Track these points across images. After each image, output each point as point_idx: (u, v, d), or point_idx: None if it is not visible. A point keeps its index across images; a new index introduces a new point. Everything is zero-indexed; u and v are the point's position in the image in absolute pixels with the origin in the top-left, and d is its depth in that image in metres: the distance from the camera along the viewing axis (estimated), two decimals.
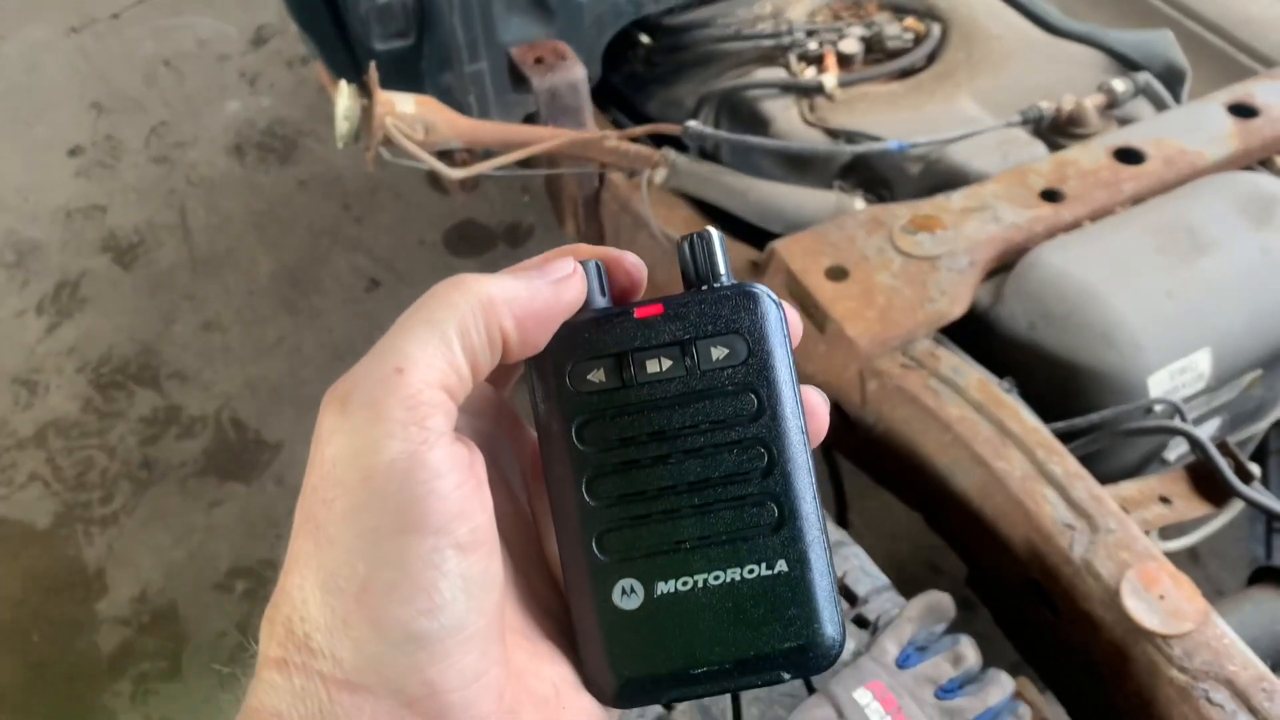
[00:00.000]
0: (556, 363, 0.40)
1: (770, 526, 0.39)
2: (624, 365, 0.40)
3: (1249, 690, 0.82)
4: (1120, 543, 0.92)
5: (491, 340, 0.37)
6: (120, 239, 2.56)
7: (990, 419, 1.03)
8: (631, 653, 0.39)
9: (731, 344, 0.40)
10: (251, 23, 3.07)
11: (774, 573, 0.39)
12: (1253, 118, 1.33)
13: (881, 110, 1.53)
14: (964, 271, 1.17)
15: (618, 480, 0.40)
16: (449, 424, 0.35)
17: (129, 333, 2.36)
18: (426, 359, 0.35)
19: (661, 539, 0.39)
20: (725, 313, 0.41)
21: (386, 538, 0.34)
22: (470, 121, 1.41)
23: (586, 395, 0.40)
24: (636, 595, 0.39)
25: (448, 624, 0.34)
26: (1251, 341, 1.17)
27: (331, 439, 0.35)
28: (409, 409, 0.34)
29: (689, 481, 0.39)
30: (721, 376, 0.40)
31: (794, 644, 0.39)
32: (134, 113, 2.86)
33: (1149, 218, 1.21)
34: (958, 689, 0.88)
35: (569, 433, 0.40)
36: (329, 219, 2.56)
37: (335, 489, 0.34)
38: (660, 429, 0.40)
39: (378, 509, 0.34)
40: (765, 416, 0.40)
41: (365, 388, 0.35)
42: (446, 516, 0.34)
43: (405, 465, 0.34)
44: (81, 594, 1.95)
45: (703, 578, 0.39)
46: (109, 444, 2.17)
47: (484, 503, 0.36)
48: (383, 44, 1.59)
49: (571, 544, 0.40)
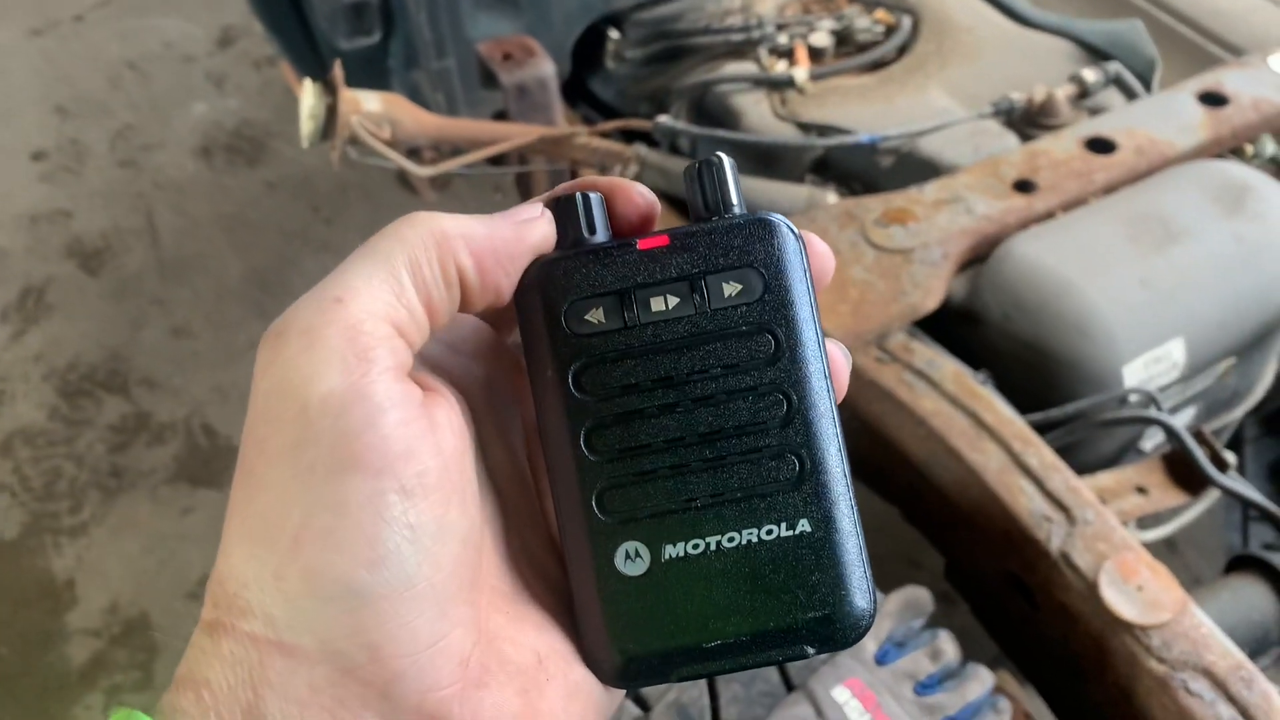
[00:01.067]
0: (549, 301, 0.36)
1: (791, 482, 0.35)
2: (626, 303, 0.36)
3: (1227, 679, 0.82)
4: (1098, 534, 0.92)
5: (446, 276, 0.34)
6: (86, 244, 2.53)
7: (966, 411, 1.03)
8: (636, 625, 0.35)
9: (745, 279, 0.36)
10: (217, 24, 3.04)
11: (795, 534, 0.35)
12: (1222, 106, 1.33)
13: (853, 103, 1.52)
14: (937, 264, 1.16)
15: (620, 432, 0.36)
16: (396, 359, 0.32)
17: (96, 339, 2.33)
18: (371, 290, 0.32)
19: (669, 497, 0.35)
20: (739, 244, 0.36)
21: (322, 478, 0.30)
22: (437, 119, 1.40)
23: (584, 338, 0.36)
24: (641, 560, 0.35)
25: (392, 579, 0.30)
26: (1225, 330, 1.17)
27: (266, 373, 0.32)
28: (349, 339, 0.31)
29: (699, 433, 0.36)
30: (735, 315, 0.36)
31: (818, 614, 0.35)
32: (99, 116, 2.83)
33: (1121, 207, 1.21)
34: (937, 684, 0.87)
35: (565, 379, 0.36)
36: (298, 221, 2.53)
37: (268, 426, 0.31)
38: (667, 374, 0.36)
39: (312, 445, 0.30)
40: (784, 359, 0.36)
41: (302, 317, 0.32)
42: (389, 456, 0.31)
43: (343, 397, 0.30)
44: (51, 606, 1.92)
45: (715, 540, 0.35)
46: (77, 452, 2.14)
47: (438, 446, 0.32)
48: (348, 42, 1.58)
49: (569, 503, 0.36)
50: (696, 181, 0.38)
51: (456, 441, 0.33)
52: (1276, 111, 1.32)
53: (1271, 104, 1.33)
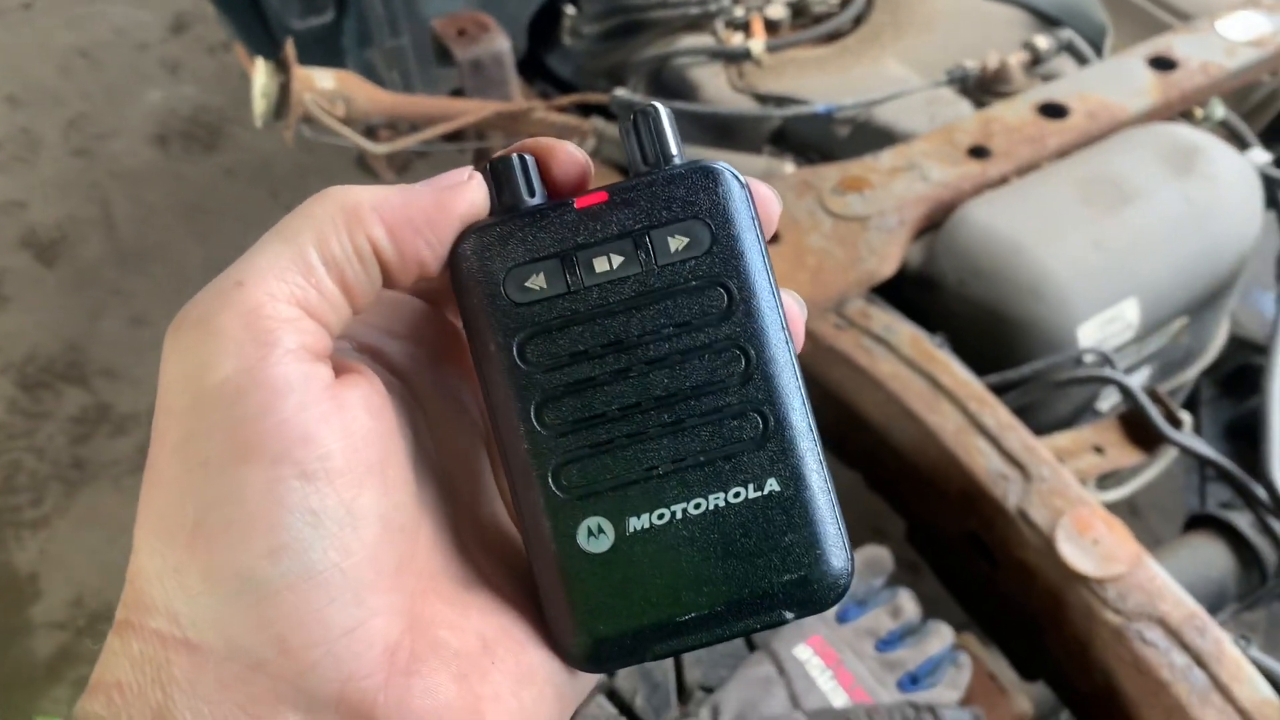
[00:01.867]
0: (486, 270, 0.34)
1: (755, 440, 0.34)
2: (568, 266, 0.34)
3: (1181, 628, 0.83)
4: (1053, 490, 0.93)
5: (359, 251, 0.32)
6: (41, 235, 2.49)
7: (923, 374, 1.04)
8: (603, 604, 0.33)
9: (692, 231, 0.34)
10: (170, 9, 2.99)
11: (764, 493, 0.34)
12: (1172, 70, 1.34)
13: (809, 74, 1.52)
14: (893, 230, 1.17)
15: (572, 402, 0.34)
16: (302, 341, 0.31)
17: (54, 331, 2.30)
18: (275, 271, 0.31)
19: (629, 467, 0.34)
20: (681, 195, 0.35)
21: (218, 469, 0.29)
22: (392, 96, 1.39)
23: (526, 306, 0.34)
24: (605, 535, 0.33)
25: (294, 567, 0.29)
26: (1177, 289, 1.19)
27: (166, 365, 0.31)
28: (246, 324, 0.30)
29: (655, 396, 0.34)
30: (683, 270, 0.34)
31: (795, 575, 0.33)
32: (50, 105, 2.78)
33: (1074, 171, 1.22)
34: (897, 641, 0.88)
35: (510, 351, 0.34)
36: (258, 207, 2.51)
37: (166, 419, 0.30)
38: (617, 338, 0.34)
39: (207, 436, 0.29)
40: (738, 313, 0.34)
41: (201, 305, 0.31)
42: (287, 441, 0.29)
43: (237, 385, 0.29)
44: (14, 600, 1.90)
45: (681, 508, 0.34)
46: (37, 445, 2.11)
47: (346, 428, 0.31)
48: (301, 21, 1.56)
49: (524, 482, 0.34)
50: (633, 134, 0.36)
51: (373, 422, 0.32)
52: (1224, 75, 1.34)
53: (1219, 68, 1.34)
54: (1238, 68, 1.35)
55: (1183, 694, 0.81)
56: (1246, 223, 1.22)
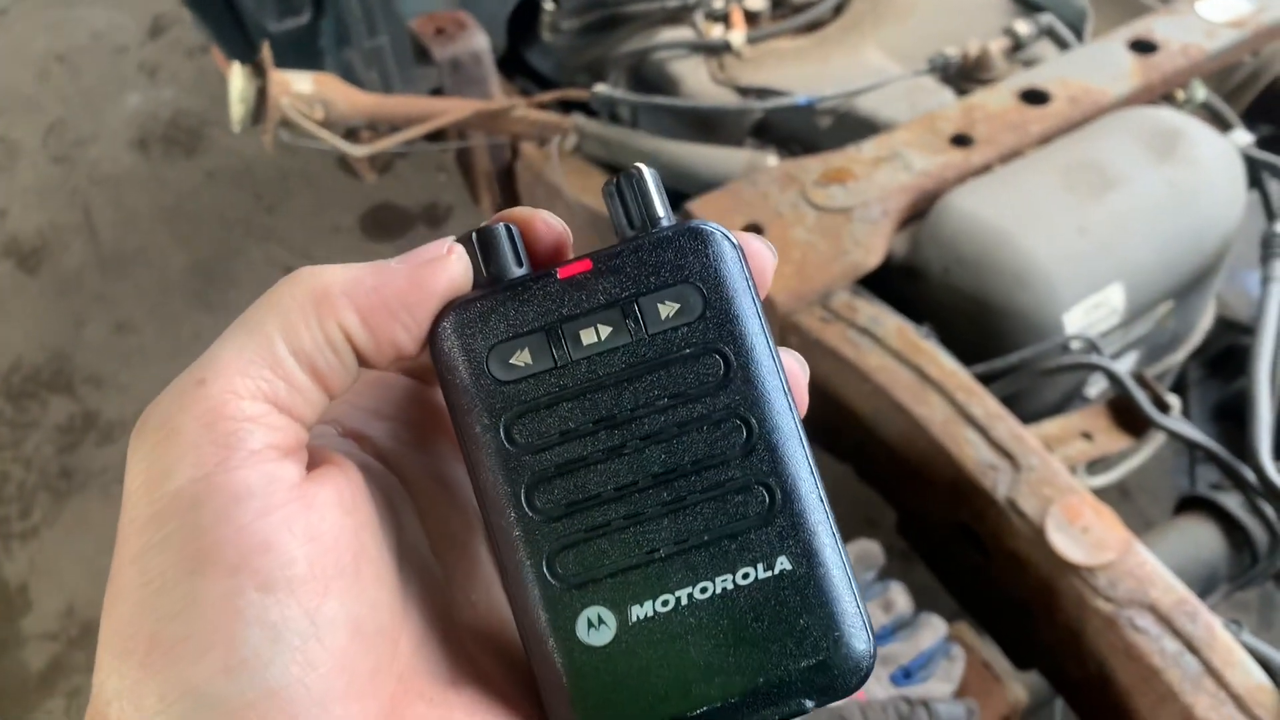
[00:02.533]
0: (468, 348, 0.33)
1: (761, 516, 0.32)
2: (553, 340, 0.33)
3: (1172, 614, 0.83)
4: (1042, 479, 0.93)
5: (330, 340, 0.31)
6: (23, 243, 2.48)
7: (910, 366, 1.03)
8: (608, 701, 0.31)
9: (682, 296, 0.33)
10: (148, 12, 2.97)
11: (775, 573, 0.32)
12: (1152, 53, 1.34)
13: (790, 65, 1.52)
14: (877, 221, 1.17)
15: (564, 484, 0.32)
16: (270, 439, 0.29)
17: (38, 339, 2.28)
18: (239, 366, 0.30)
19: (628, 551, 0.32)
20: (670, 259, 0.33)
21: (174, 582, 0.28)
22: (371, 97, 1.38)
23: (512, 384, 0.32)
24: (607, 626, 0.31)
25: (255, 684, 0.27)
26: (1162, 273, 1.19)
27: (129, 472, 0.29)
28: (207, 425, 0.29)
29: (653, 474, 0.32)
30: (676, 338, 0.33)
31: (813, 660, 0.31)
32: (28, 111, 2.76)
33: (1057, 157, 1.21)
34: (890, 635, 0.88)
35: (496, 433, 0.32)
36: (240, 210, 2.50)
37: (126, 529, 0.29)
38: (609, 413, 0.32)
39: (163, 547, 0.28)
40: (736, 380, 0.32)
41: (162, 407, 0.30)
42: (245, 550, 0.28)
43: (194, 492, 0.28)
44: (4, 612, 1.89)
45: (686, 593, 0.31)
46: (24, 455, 2.10)
47: (312, 532, 0.29)
48: (277, 24, 1.55)
49: (517, 571, 0.32)
50: (617, 198, 0.34)
51: (346, 519, 0.30)
52: (1205, 56, 1.34)
53: (1200, 49, 1.34)
54: (1218, 49, 1.35)
55: (1174, 680, 0.81)
56: (1230, 205, 1.22)
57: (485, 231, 0.34)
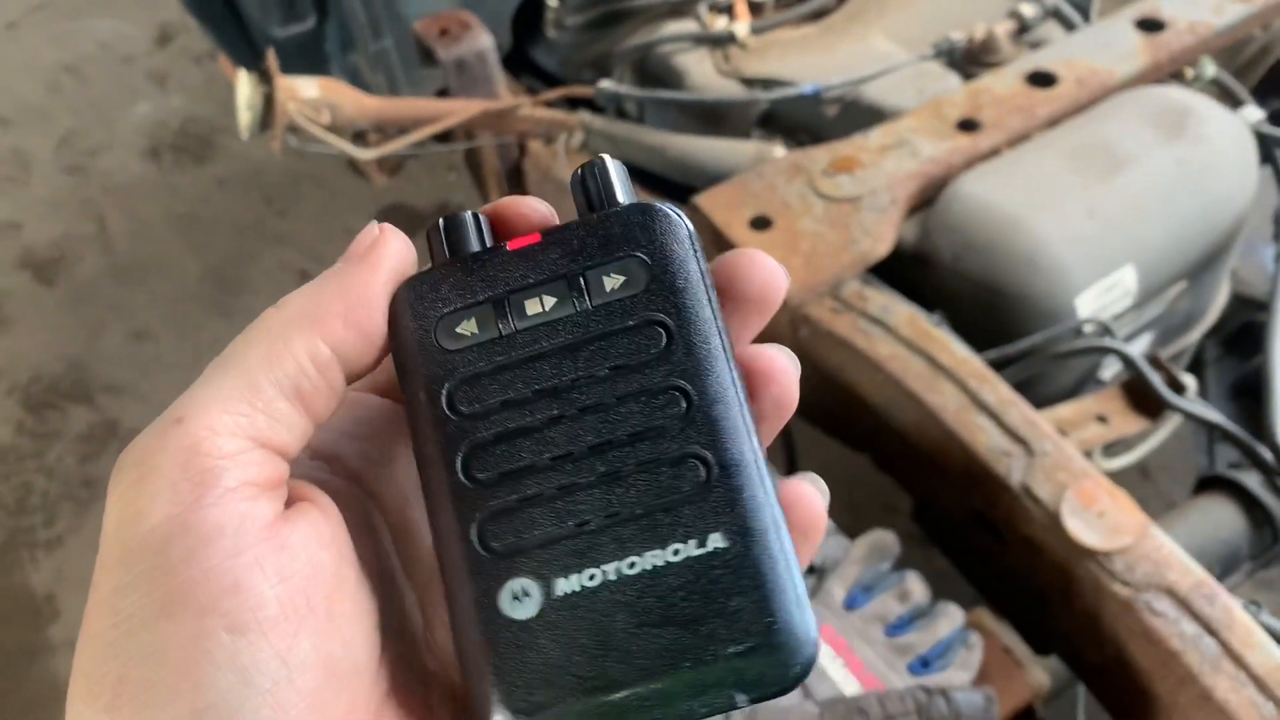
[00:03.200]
0: (419, 319, 0.33)
1: (695, 489, 0.31)
2: (499, 310, 0.33)
3: (1190, 597, 0.83)
4: (1057, 464, 0.93)
5: (314, 357, 0.31)
6: (38, 254, 2.49)
7: (921, 354, 1.03)
8: (528, 679, 0.30)
9: (628, 269, 0.33)
10: (154, 21, 2.99)
11: (707, 550, 0.30)
12: (1160, 31, 1.33)
13: (795, 55, 1.51)
14: (886, 210, 1.16)
15: (500, 452, 0.32)
16: (247, 476, 0.29)
17: (56, 350, 2.30)
18: (218, 403, 0.29)
19: (558, 522, 0.31)
20: (618, 233, 0.33)
21: (141, 624, 0.27)
22: (377, 100, 1.38)
23: (457, 353, 0.32)
24: (531, 599, 0.30)
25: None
26: (1174, 254, 1.18)
27: (107, 512, 0.29)
28: (183, 464, 0.28)
29: (589, 445, 0.31)
30: (619, 309, 0.32)
31: (744, 645, 0.29)
32: (40, 123, 2.78)
33: (1065, 139, 1.21)
34: (907, 624, 0.88)
35: (437, 401, 0.32)
36: (252, 215, 2.51)
37: (99, 572, 0.29)
38: (550, 384, 0.32)
39: (132, 589, 0.28)
40: (678, 352, 0.32)
41: (140, 446, 0.29)
42: (214, 592, 0.27)
43: (165, 532, 0.28)
44: (32, 621, 1.91)
45: (614, 567, 0.30)
46: (47, 465, 2.12)
47: (284, 571, 0.29)
48: (282, 30, 1.56)
49: (447, 541, 0.31)
50: (580, 186, 0.35)
51: (322, 554, 0.30)
52: (1213, 33, 1.33)
53: (1208, 26, 1.33)
54: (1226, 25, 1.34)
55: (1194, 663, 0.81)
56: (1242, 182, 1.21)
57: (448, 217, 0.35)
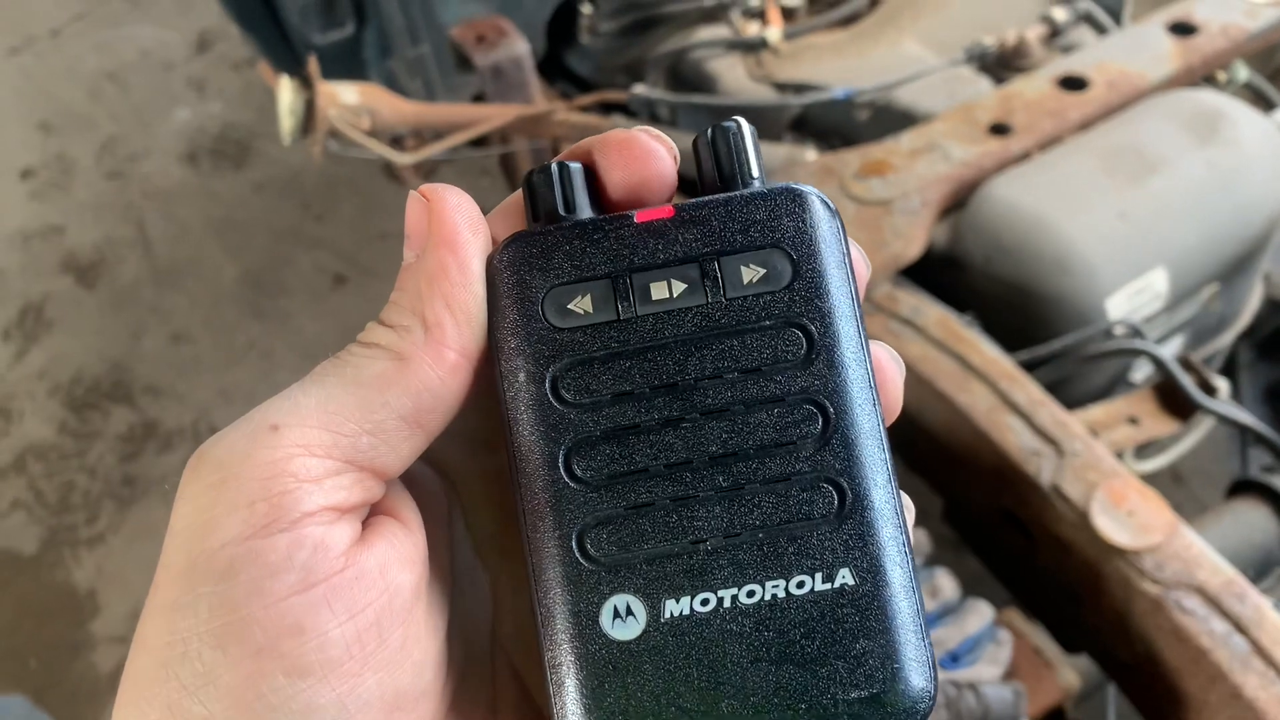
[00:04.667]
0: (524, 286, 0.29)
1: (828, 519, 0.28)
2: (619, 290, 0.29)
3: (1220, 595, 0.84)
4: (1087, 464, 0.93)
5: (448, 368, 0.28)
6: (80, 258, 2.54)
7: (952, 355, 1.04)
8: (626, 704, 0.27)
9: (770, 261, 0.29)
10: (193, 28, 3.04)
11: (834, 587, 0.28)
12: (1192, 35, 1.33)
13: (827, 59, 1.53)
14: (917, 212, 1.17)
15: (610, 451, 0.29)
16: (330, 501, 0.27)
17: (98, 351, 2.35)
18: (321, 417, 0.27)
19: (671, 537, 0.28)
20: (761, 218, 0.29)
21: (196, 652, 0.26)
22: (416, 106, 1.41)
23: (567, 332, 0.29)
24: (635, 619, 0.28)
25: None
26: (1206, 256, 1.18)
27: (177, 507, 0.27)
28: (265, 480, 0.26)
29: (711, 454, 0.28)
30: (757, 306, 0.29)
31: (865, 693, 0.27)
32: (83, 129, 2.84)
33: (1096, 142, 1.21)
34: (936, 620, 0.89)
35: (541, 384, 0.29)
36: (289, 219, 2.55)
37: (162, 573, 0.27)
38: (671, 379, 0.29)
39: (193, 610, 0.26)
40: (819, 362, 0.29)
41: (226, 444, 0.27)
42: (274, 632, 0.26)
43: (232, 556, 0.26)
44: (75, 616, 1.95)
45: (730, 594, 0.28)
46: (89, 464, 2.16)
47: (353, 606, 0.27)
48: (322, 36, 1.58)
49: (543, 544, 0.28)
50: (710, 149, 0.31)
51: (401, 579, 0.28)
52: (1246, 36, 1.33)
53: (1241, 29, 1.33)
54: (1259, 29, 1.34)
55: (1223, 660, 0.81)
56: (1274, 185, 1.21)
57: (533, 173, 0.31)
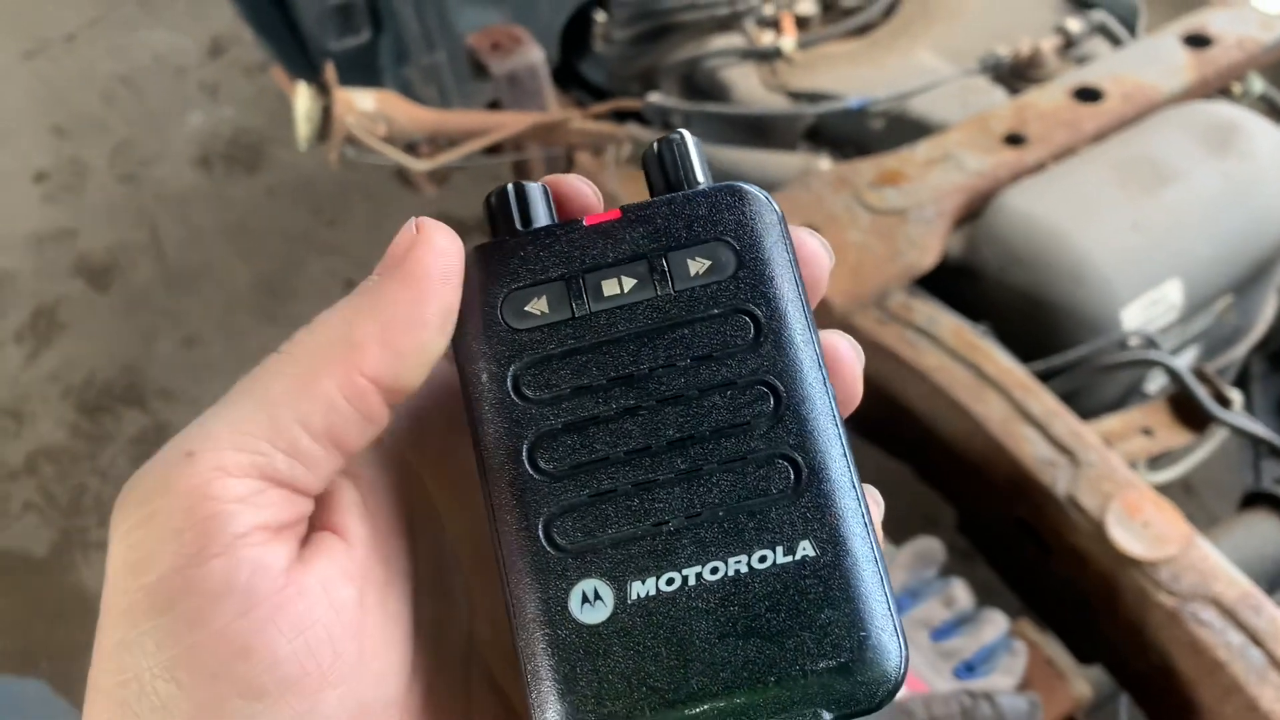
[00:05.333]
0: (484, 292, 0.31)
1: (784, 493, 0.29)
2: (573, 289, 0.30)
3: (1236, 607, 0.84)
4: (1102, 475, 0.93)
5: (351, 391, 0.27)
6: (93, 261, 2.55)
7: (967, 364, 1.04)
8: (598, 688, 0.28)
9: (714, 253, 0.31)
10: (207, 33, 3.05)
11: (796, 558, 0.28)
12: (1207, 47, 1.33)
13: (841, 69, 1.53)
14: (932, 222, 1.18)
15: (571, 442, 0.29)
16: (259, 520, 0.26)
17: (110, 355, 2.36)
18: (232, 438, 0.27)
19: (634, 520, 0.29)
20: (704, 214, 0.31)
21: (151, 688, 0.25)
22: (432, 113, 1.41)
23: (525, 332, 0.30)
24: (603, 603, 0.28)
25: None
26: (1220, 268, 1.18)
27: (109, 552, 0.27)
28: (187, 509, 0.26)
29: (669, 439, 0.29)
30: (704, 296, 0.30)
31: (834, 662, 0.27)
32: (96, 133, 2.85)
33: (1111, 154, 1.22)
34: (952, 630, 0.89)
35: (503, 382, 0.30)
36: (301, 224, 2.55)
37: (105, 617, 0.26)
38: (626, 371, 0.30)
39: (138, 648, 0.25)
40: (766, 345, 0.30)
41: (147, 481, 0.27)
42: (223, 657, 0.25)
43: (169, 588, 0.25)
44: (86, 618, 1.95)
45: (694, 571, 0.28)
46: (101, 467, 2.17)
47: (300, 623, 0.26)
48: (338, 43, 1.59)
49: (510, 535, 0.29)
50: (656, 162, 0.33)
51: (347, 592, 0.28)
52: (1261, 49, 1.33)
53: (1256, 41, 1.33)
54: (1275, 41, 1.34)
55: (1240, 673, 0.81)
56: None
57: (516, 185, 0.32)
